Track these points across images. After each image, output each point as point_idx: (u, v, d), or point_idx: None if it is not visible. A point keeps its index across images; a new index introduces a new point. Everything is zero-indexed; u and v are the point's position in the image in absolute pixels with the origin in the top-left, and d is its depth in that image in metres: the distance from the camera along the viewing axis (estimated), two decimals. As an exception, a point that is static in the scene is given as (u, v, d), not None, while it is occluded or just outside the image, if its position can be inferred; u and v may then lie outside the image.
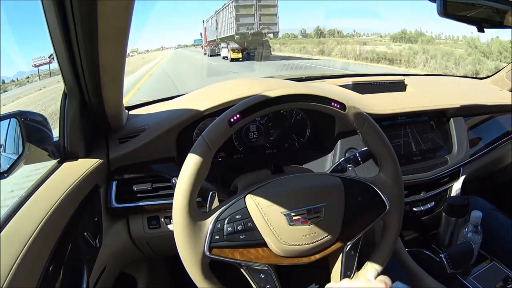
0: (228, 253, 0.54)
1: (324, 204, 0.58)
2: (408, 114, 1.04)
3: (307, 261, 0.59)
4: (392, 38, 15.53)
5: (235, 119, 0.54)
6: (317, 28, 19.75)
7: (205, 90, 0.98)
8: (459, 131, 1.09)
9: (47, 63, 8.02)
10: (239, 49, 13.63)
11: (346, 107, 0.60)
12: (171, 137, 0.82)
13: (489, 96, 1.24)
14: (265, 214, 0.55)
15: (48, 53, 6.90)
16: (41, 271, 0.49)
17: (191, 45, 25.13)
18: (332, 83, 1.15)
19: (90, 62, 0.55)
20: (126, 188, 0.80)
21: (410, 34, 14.96)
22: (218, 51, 15.92)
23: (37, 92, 8.19)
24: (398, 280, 0.83)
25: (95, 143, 0.79)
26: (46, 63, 7.97)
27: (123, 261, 0.92)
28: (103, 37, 0.48)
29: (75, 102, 0.67)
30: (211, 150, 0.53)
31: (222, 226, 0.54)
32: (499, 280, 0.92)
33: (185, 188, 0.51)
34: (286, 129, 0.96)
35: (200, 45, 20.21)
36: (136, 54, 20.88)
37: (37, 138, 0.70)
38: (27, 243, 0.48)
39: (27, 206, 0.56)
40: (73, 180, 0.64)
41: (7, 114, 0.68)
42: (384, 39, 16.37)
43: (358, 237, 0.63)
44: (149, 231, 0.85)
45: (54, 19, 0.47)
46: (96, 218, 0.72)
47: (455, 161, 1.06)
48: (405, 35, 15.11)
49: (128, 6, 0.44)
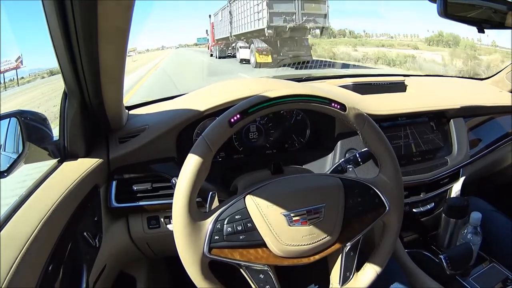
0: (228, 253, 0.54)
1: (324, 205, 0.58)
2: (408, 115, 1.04)
3: (306, 261, 0.59)
4: (428, 41, 14.45)
5: (236, 119, 0.54)
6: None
7: (205, 90, 0.98)
8: (459, 132, 1.09)
9: (14, 68, 5.93)
10: (267, 51, 9.09)
11: (346, 108, 0.60)
12: (171, 137, 0.82)
13: (489, 97, 1.24)
14: (265, 215, 0.55)
15: (15, 56, 5.61)
16: (40, 270, 0.49)
17: (193, 44, 23.54)
18: (332, 83, 1.15)
19: (90, 62, 0.55)
20: (126, 188, 0.80)
21: (447, 37, 13.53)
22: (232, 52, 11.67)
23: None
24: (397, 281, 0.83)
25: (95, 143, 0.79)
26: (12, 68, 5.87)
27: (123, 261, 0.92)
28: (103, 37, 0.48)
29: (75, 102, 0.67)
30: (211, 150, 0.53)
31: (222, 226, 0.54)
32: (498, 281, 0.92)
33: (185, 188, 0.51)
34: (286, 129, 0.96)
35: (204, 45, 16.53)
36: (134, 54, 18.62)
37: (37, 138, 0.70)
38: (26, 242, 0.48)
39: (27, 205, 0.56)
40: (73, 180, 0.64)
41: (7, 113, 0.68)
42: (408, 41, 15.07)
43: (357, 238, 0.63)
44: (148, 231, 0.85)
45: (55, 19, 0.47)
46: (96, 217, 0.72)
47: (455, 162, 1.06)
48: (442, 38, 13.53)
49: (128, 7, 0.44)
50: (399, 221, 0.66)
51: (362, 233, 0.63)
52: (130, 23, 0.47)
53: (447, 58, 9.69)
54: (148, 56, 21.86)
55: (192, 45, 27.23)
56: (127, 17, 0.45)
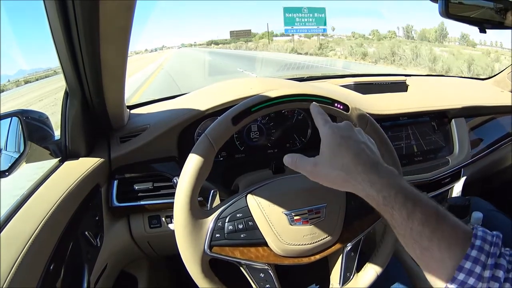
0: (229, 251, 0.54)
1: (325, 205, 0.58)
2: (410, 114, 1.04)
3: (307, 261, 0.59)
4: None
5: (239, 117, 0.54)
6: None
7: (206, 90, 0.98)
8: (461, 132, 1.09)
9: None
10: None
11: (349, 108, 0.60)
12: (173, 136, 0.82)
13: (491, 97, 1.23)
14: (266, 213, 0.55)
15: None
16: (41, 270, 0.49)
17: (204, 43, 22.38)
18: (333, 83, 1.15)
19: (91, 62, 0.56)
20: (127, 187, 0.80)
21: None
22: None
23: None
24: (399, 280, 0.83)
25: (97, 142, 0.79)
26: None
27: (124, 260, 0.92)
28: (105, 36, 0.48)
29: (76, 101, 0.67)
30: (213, 148, 0.53)
31: (223, 225, 0.54)
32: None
33: (187, 185, 0.51)
34: (287, 129, 0.96)
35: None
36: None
37: (39, 137, 0.70)
38: (27, 242, 0.48)
39: (28, 205, 0.56)
40: (74, 179, 0.64)
41: (9, 113, 0.68)
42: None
43: (358, 239, 0.63)
44: (150, 230, 0.85)
45: (56, 18, 0.47)
46: (97, 217, 0.72)
47: (456, 162, 1.06)
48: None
49: (130, 6, 0.44)
50: None
51: (363, 234, 0.62)
52: (132, 23, 0.47)
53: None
54: (142, 60, 18.30)
55: (201, 44, 26.42)
56: (129, 16, 0.45)
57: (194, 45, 28.81)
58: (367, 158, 0.41)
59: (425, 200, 0.38)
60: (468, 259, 0.34)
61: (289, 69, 8.47)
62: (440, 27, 13.79)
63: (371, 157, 0.42)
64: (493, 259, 0.34)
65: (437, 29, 14.47)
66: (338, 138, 0.43)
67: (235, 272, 0.57)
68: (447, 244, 0.35)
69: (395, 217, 0.38)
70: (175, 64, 13.77)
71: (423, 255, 0.37)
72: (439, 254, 0.35)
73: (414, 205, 0.37)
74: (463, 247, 0.35)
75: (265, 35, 23.98)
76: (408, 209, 0.37)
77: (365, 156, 0.41)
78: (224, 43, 27.60)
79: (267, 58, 13.04)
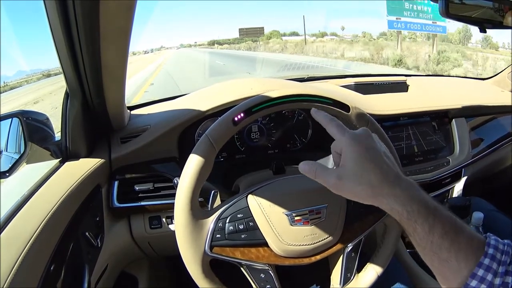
0: (229, 252, 0.54)
1: (325, 205, 0.58)
2: (410, 114, 1.04)
3: (307, 262, 0.59)
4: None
5: (239, 118, 0.54)
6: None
7: (207, 90, 0.98)
8: (461, 132, 1.09)
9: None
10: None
11: (350, 108, 0.60)
12: (173, 137, 0.82)
13: (491, 97, 1.23)
14: (267, 214, 0.55)
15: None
16: (42, 270, 0.49)
17: (206, 43, 20.48)
18: (334, 83, 1.15)
19: (92, 62, 0.55)
20: (128, 188, 0.80)
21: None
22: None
23: None
24: (399, 280, 0.83)
25: (97, 143, 0.79)
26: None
27: (125, 261, 0.92)
28: (105, 36, 0.48)
29: (77, 102, 0.67)
30: (214, 148, 0.53)
31: (224, 225, 0.54)
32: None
33: (188, 185, 0.51)
34: (288, 129, 0.96)
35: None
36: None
37: (39, 138, 0.70)
38: (28, 242, 0.48)
39: (28, 205, 0.56)
40: (75, 180, 0.64)
41: (9, 114, 0.68)
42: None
43: (359, 239, 0.63)
44: (150, 231, 0.85)
45: (56, 18, 0.47)
46: (98, 217, 0.72)
47: (457, 162, 1.06)
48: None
49: (130, 6, 0.44)
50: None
51: (363, 234, 0.62)
52: (132, 23, 0.47)
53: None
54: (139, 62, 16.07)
55: (197, 45, 24.71)
56: (129, 16, 0.45)
57: (194, 45, 27.31)
58: (390, 171, 0.41)
59: (444, 212, 0.38)
60: (481, 266, 0.35)
61: (289, 69, 8.46)
62: (464, 28, 12.87)
63: (392, 169, 0.41)
64: (504, 267, 0.35)
65: (461, 30, 13.86)
66: (363, 150, 0.42)
67: (236, 272, 0.57)
68: (465, 255, 0.36)
69: (417, 231, 0.38)
70: (175, 68, 12.89)
71: (441, 265, 0.37)
72: (456, 264, 0.36)
73: (434, 218, 0.37)
74: (477, 256, 0.36)
75: (273, 34, 21.46)
76: (429, 223, 0.37)
77: (388, 168, 0.41)
78: (229, 43, 24.54)
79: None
